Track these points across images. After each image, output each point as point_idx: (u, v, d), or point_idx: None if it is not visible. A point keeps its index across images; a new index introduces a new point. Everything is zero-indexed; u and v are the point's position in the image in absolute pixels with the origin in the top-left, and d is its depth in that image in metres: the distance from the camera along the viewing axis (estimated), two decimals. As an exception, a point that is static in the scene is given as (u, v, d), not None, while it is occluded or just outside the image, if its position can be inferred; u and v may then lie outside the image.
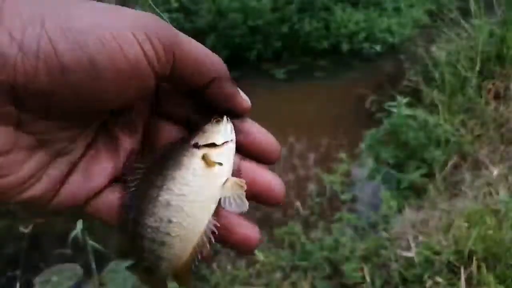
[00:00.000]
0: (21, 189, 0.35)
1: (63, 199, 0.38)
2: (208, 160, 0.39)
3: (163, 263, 0.39)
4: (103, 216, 0.41)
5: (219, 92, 0.39)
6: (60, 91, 0.32)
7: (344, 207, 3.02)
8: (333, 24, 6.17)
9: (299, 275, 2.14)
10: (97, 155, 0.40)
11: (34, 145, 0.35)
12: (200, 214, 0.38)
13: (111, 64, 0.32)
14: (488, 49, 3.74)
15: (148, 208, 0.38)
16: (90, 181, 0.39)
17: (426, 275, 1.85)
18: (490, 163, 2.70)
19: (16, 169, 0.34)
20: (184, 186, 0.38)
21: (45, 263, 2.81)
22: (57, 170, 0.37)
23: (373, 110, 4.41)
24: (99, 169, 0.39)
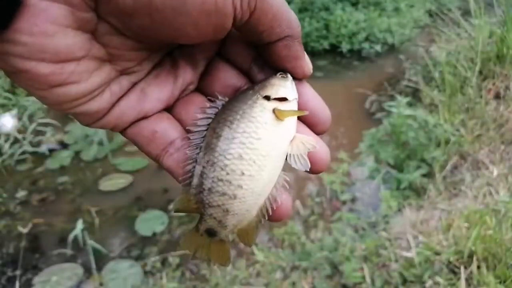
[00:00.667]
0: (85, 99, 0.36)
1: (113, 116, 0.38)
2: (280, 114, 0.38)
3: (232, 219, 0.38)
4: (145, 137, 0.41)
5: (287, 50, 0.39)
6: (141, 17, 0.32)
7: (344, 207, 3.02)
8: (333, 24, 6.17)
9: (299, 275, 2.14)
10: (157, 80, 0.40)
11: (105, 58, 0.36)
12: (272, 168, 0.38)
13: (200, 3, 0.32)
14: (488, 49, 3.74)
15: (218, 160, 0.37)
16: (142, 103, 0.39)
17: (426, 275, 1.85)
18: (490, 163, 2.70)
19: (85, 77, 0.34)
20: (256, 140, 0.37)
21: (45, 263, 2.81)
22: (118, 87, 0.38)
23: (373, 110, 4.41)
24: (154, 93, 0.40)
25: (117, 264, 2.73)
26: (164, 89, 0.40)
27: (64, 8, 0.30)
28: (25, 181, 3.63)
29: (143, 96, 0.39)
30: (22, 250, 2.84)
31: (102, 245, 2.84)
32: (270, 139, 0.37)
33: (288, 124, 0.39)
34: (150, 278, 2.60)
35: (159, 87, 0.40)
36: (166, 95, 0.41)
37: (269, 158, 0.37)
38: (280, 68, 0.40)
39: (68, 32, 0.31)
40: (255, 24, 0.36)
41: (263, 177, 0.37)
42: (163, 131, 0.40)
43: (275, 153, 0.38)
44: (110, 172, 3.68)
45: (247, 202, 0.38)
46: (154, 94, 0.40)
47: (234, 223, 0.39)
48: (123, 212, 3.23)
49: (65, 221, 3.16)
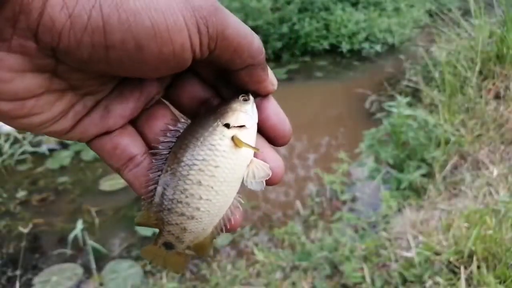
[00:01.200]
0: (49, 124, 0.37)
1: (76, 133, 0.40)
2: (238, 142, 0.40)
3: (188, 236, 0.42)
4: (106, 152, 0.42)
5: (249, 77, 0.40)
6: (98, 64, 0.33)
7: (344, 207, 3.02)
8: (333, 24, 6.17)
9: (299, 275, 2.14)
10: (121, 97, 0.41)
11: (66, 88, 0.37)
12: (228, 192, 0.41)
13: (157, 50, 0.32)
14: (488, 49, 3.74)
15: (178, 185, 0.40)
16: (105, 120, 0.41)
17: (426, 275, 1.85)
18: (490, 163, 2.70)
19: (47, 108, 0.36)
20: (214, 168, 0.40)
21: (45, 263, 2.81)
22: (82, 106, 0.39)
23: (373, 110, 4.41)
24: (117, 110, 0.41)
25: (117, 264, 2.73)
26: (128, 105, 0.41)
27: (20, 57, 0.31)
28: (25, 181, 3.63)
29: (106, 113, 0.40)
30: (22, 250, 2.84)
31: (102, 245, 2.84)
32: (227, 166, 0.40)
33: (245, 151, 0.41)
34: (150, 278, 2.60)
35: (122, 103, 0.41)
36: (129, 110, 0.41)
37: (226, 183, 0.40)
38: (247, 91, 0.42)
39: (26, 75, 0.32)
40: (216, 59, 0.37)
41: (219, 201, 0.41)
42: (124, 147, 0.42)
43: (231, 178, 0.40)
44: (110, 172, 3.68)
45: (204, 222, 0.41)
46: (117, 111, 0.41)
47: (191, 239, 0.42)
48: (123, 212, 3.24)
49: (65, 221, 3.16)
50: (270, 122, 0.43)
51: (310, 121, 4.54)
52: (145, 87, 0.42)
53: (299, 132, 4.21)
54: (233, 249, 2.83)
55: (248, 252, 2.67)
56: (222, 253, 2.78)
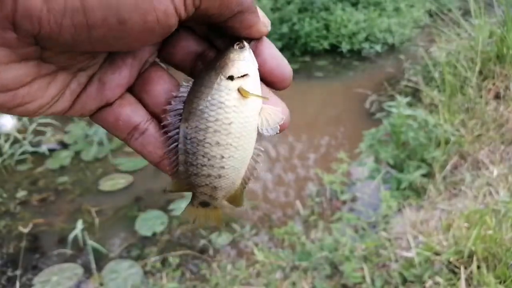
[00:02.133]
0: (47, 107, 0.37)
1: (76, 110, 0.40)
2: (245, 93, 0.40)
3: (220, 192, 0.43)
4: (110, 124, 0.42)
5: (240, 23, 0.39)
6: (83, 45, 0.32)
7: (344, 207, 3.02)
8: (333, 24, 6.16)
9: (299, 275, 2.14)
10: (113, 66, 0.40)
11: (56, 70, 0.36)
12: (247, 144, 0.42)
13: (140, 22, 0.32)
14: (488, 49, 3.74)
15: (198, 150, 0.40)
16: (102, 92, 0.40)
17: (426, 275, 1.85)
18: (490, 163, 2.70)
19: (41, 94, 0.35)
20: (229, 125, 0.40)
21: (45, 263, 2.81)
22: (77, 84, 0.39)
23: (373, 110, 4.41)
24: (112, 80, 0.40)
25: (117, 264, 2.73)
26: (121, 73, 0.41)
27: (2, 49, 0.30)
28: (25, 181, 3.63)
29: (101, 86, 0.40)
30: (22, 250, 2.84)
31: (102, 245, 2.84)
32: (240, 120, 0.40)
33: (254, 100, 0.41)
34: (150, 278, 2.60)
35: (116, 73, 0.40)
36: (124, 78, 0.41)
37: (243, 137, 0.41)
38: (241, 36, 0.41)
39: (12, 66, 0.32)
40: (204, 13, 0.36)
41: (240, 155, 0.41)
42: (126, 118, 0.41)
43: (247, 130, 0.41)
44: (110, 172, 3.68)
45: (231, 177, 0.42)
46: (112, 81, 0.40)
47: (223, 194, 0.44)
48: (123, 212, 3.23)
49: (65, 221, 3.16)
50: (267, 66, 0.42)
51: (310, 121, 4.54)
52: (137, 52, 0.41)
53: (299, 132, 4.21)
54: (233, 249, 2.83)
55: (248, 252, 2.67)
56: (222, 253, 2.78)
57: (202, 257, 2.75)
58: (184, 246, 2.88)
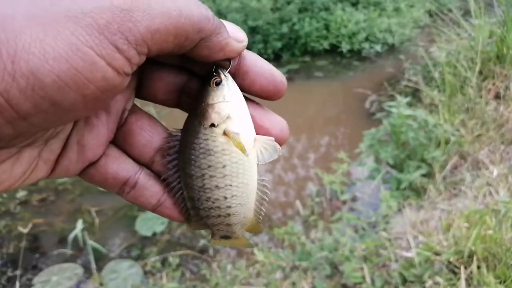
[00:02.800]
0: (21, 181, 0.36)
1: (58, 173, 0.39)
2: (230, 134, 0.40)
3: (235, 227, 0.45)
4: (99, 182, 0.41)
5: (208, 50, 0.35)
6: (26, 131, 0.30)
7: (344, 207, 3.02)
8: (333, 24, 6.17)
9: (299, 275, 2.14)
10: (88, 126, 0.38)
11: (18, 151, 0.34)
12: (247, 179, 0.42)
13: (79, 97, 0.28)
14: (488, 49, 3.74)
15: (201, 195, 0.41)
16: (83, 154, 0.38)
17: (426, 275, 1.84)
18: (490, 163, 2.70)
19: (5, 177, 0.34)
20: (223, 168, 0.40)
21: (45, 263, 2.81)
22: (49, 153, 0.37)
23: (373, 110, 4.41)
24: (91, 141, 0.38)
25: (117, 264, 2.73)
26: (100, 132, 0.38)
27: None
28: (25, 181, 3.63)
29: (81, 148, 0.38)
30: (22, 250, 2.84)
31: (102, 245, 2.84)
32: (233, 161, 0.41)
33: (244, 137, 0.40)
34: (150, 278, 2.60)
35: (93, 132, 0.38)
36: (103, 137, 0.39)
37: (241, 175, 0.41)
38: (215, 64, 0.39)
39: None
40: (161, 53, 0.32)
41: (243, 191, 0.42)
42: (114, 175, 0.40)
43: (243, 167, 0.41)
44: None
45: (241, 213, 0.43)
46: (91, 142, 0.38)
47: (239, 228, 0.45)
48: (123, 212, 3.23)
49: (65, 221, 3.16)
50: (257, 84, 0.39)
51: (310, 121, 4.54)
52: (109, 107, 0.38)
53: (299, 132, 4.21)
54: (233, 249, 2.83)
55: (248, 252, 2.66)
56: (222, 253, 2.78)
57: (202, 257, 2.75)
58: (184, 246, 2.88)
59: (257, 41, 5.92)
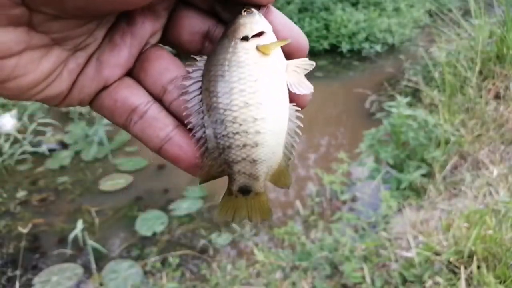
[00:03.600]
0: (42, 86, 0.34)
1: (74, 95, 0.37)
2: (264, 49, 0.37)
3: (261, 167, 0.37)
4: (108, 108, 0.39)
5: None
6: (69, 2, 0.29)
7: (344, 207, 3.02)
8: (333, 24, 6.16)
9: (299, 275, 2.14)
10: (111, 45, 0.37)
11: (49, 44, 0.33)
12: (279, 102, 0.37)
13: None
14: (488, 49, 3.74)
15: (226, 115, 0.35)
16: (99, 73, 0.37)
17: (426, 275, 1.84)
18: (490, 163, 2.70)
19: (32, 68, 0.33)
20: (254, 82, 0.36)
21: (45, 263, 2.81)
22: (75, 64, 0.36)
23: (373, 110, 4.41)
24: (110, 59, 0.38)
25: (117, 264, 2.73)
26: (120, 52, 0.38)
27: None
28: (25, 181, 3.63)
29: (99, 65, 0.37)
30: (22, 250, 2.84)
31: (102, 245, 2.84)
32: (266, 77, 0.36)
33: (276, 56, 0.37)
34: (150, 278, 2.60)
35: (114, 51, 0.38)
36: (123, 58, 0.38)
37: (272, 95, 0.36)
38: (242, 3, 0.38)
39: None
40: None
41: (275, 115, 0.37)
42: (123, 100, 0.38)
43: (275, 88, 0.37)
44: (110, 172, 3.68)
45: (269, 144, 0.37)
46: (110, 60, 0.37)
47: (265, 171, 0.38)
48: (123, 212, 3.23)
49: (65, 221, 3.16)
50: (280, 36, 0.39)
51: (310, 121, 4.54)
52: (136, 29, 0.38)
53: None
54: (233, 249, 2.83)
55: (248, 252, 2.66)
56: (222, 253, 2.78)
57: (202, 257, 2.75)
58: (184, 246, 2.88)
59: (257, 41, 5.92)
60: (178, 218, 3.12)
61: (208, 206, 3.24)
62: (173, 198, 3.33)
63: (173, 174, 3.60)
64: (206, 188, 3.43)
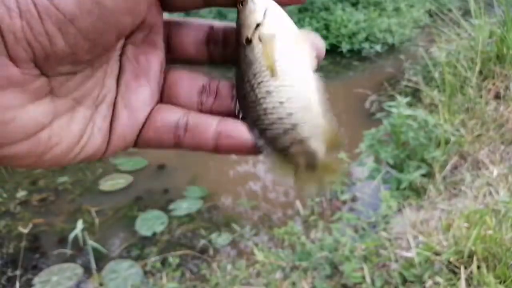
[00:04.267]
0: (78, 149, 0.35)
1: (115, 144, 0.37)
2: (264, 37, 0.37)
3: (312, 142, 0.38)
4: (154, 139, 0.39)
5: None
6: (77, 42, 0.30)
7: (344, 207, 3.02)
8: (333, 24, 6.16)
9: (299, 275, 2.14)
10: (129, 88, 0.38)
11: (73, 106, 0.34)
12: (302, 72, 0.37)
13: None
14: (488, 49, 3.74)
15: (259, 113, 0.37)
16: (134, 115, 0.38)
17: (426, 275, 1.84)
18: (490, 163, 2.70)
19: (64, 135, 0.33)
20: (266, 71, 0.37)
21: (45, 263, 2.81)
22: (102, 118, 0.36)
23: (373, 110, 4.41)
24: (137, 100, 0.38)
25: (117, 264, 2.73)
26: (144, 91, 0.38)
27: (12, 91, 0.29)
28: (25, 181, 3.63)
29: (130, 110, 0.37)
30: (22, 250, 2.84)
31: (102, 245, 2.84)
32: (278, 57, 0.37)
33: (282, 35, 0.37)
34: (150, 278, 2.60)
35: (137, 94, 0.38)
36: (148, 96, 0.38)
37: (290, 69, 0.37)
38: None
39: (27, 108, 0.30)
40: None
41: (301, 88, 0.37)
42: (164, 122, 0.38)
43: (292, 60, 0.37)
44: (110, 172, 3.68)
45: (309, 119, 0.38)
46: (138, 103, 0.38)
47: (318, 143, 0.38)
48: (123, 212, 3.23)
49: (65, 221, 3.16)
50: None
51: (310, 121, 4.53)
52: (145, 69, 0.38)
53: (299, 132, 4.20)
54: (233, 249, 2.83)
55: (248, 252, 2.67)
56: (222, 253, 2.78)
57: (202, 257, 2.75)
58: (184, 246, 2.88)
59: (257, 41, 5.92)
60: (178, 218, 3.12)
61: (208, 206, 3.24)
62: (173, 198, 3.33)
63: (173, 174, 3.61)
64: (206, 188, 3.43)
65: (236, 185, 3.57)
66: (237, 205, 3.28)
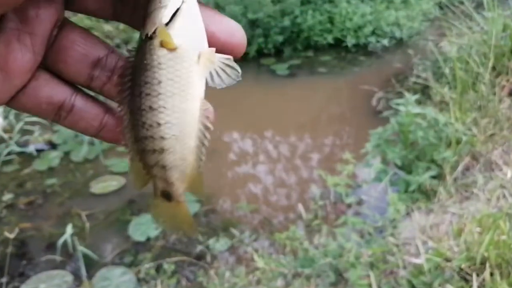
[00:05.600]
0: None
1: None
2: (166, 43, 0.36)
3: (173, 173, 0.39)
4: (31, 109, 0.39)
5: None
6: None
7: (349, 211, 3.02)
8: (338, 17, 6.17)
9: (302, 283, 2.14)
10: (9, 49, 0.36)
11: None
12: (186, 103, 0.37)
13: None
14: (501, 43, 3.75)
15: (137, 120, 0.37)
16: (9, 81, 0.36)
17: (436, 283, 1.85)
18: (503, 164, 2.70)
19: None
20: (157, 85, 0.36)
21: (33, 270, 2.81)
22: None
23: (379, 108, 4.42)
24: (15, 64, 0.36)
25: (109, 271, 2.74)
26: (24, 56, 0.36)
27: None
28: (12, 183, 3.63)
29: (5, 74, 0.36)
30: (9, 256, 2.85)
31: (93, 251, 2.84)
32: (169, 77, 0.36)
33: (183, 48, 0.36)
34: (144, 286, 2.61)
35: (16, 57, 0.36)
36: (29, 61, 0.36)
37: (177, 95, 0.36)
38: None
39: None
40: None
41: (180, 118, 0.37)
42: (47, 99, 0.38)
43: (181, 87, 0.36)
44: (102, 174, 3.69)
45: (177, 151, 0.38)
46: (15, 67, 0.36)
47: (177, 177, 0.39)
48: (115, 216, 3.24)
49: (54, 225, 3.16)
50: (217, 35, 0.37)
51: (313, 120, 4.54)
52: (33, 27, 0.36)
53: (301, 131, 4.22)
54: (231, 255, 2.83)
55: (247, 258, 2.67)
56: (220, 260, 2.79)
57: (199, 263, 2.76)
58: (179, 252, 2.88)
59: (257, 35, 5.92)
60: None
61: (205, 210, 3.25)
62: (168, 201, 3.33)
63: (168, 176, 3.61)
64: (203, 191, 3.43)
65: (235, 188, 3.57)
66: (236, 208, 3.29)
